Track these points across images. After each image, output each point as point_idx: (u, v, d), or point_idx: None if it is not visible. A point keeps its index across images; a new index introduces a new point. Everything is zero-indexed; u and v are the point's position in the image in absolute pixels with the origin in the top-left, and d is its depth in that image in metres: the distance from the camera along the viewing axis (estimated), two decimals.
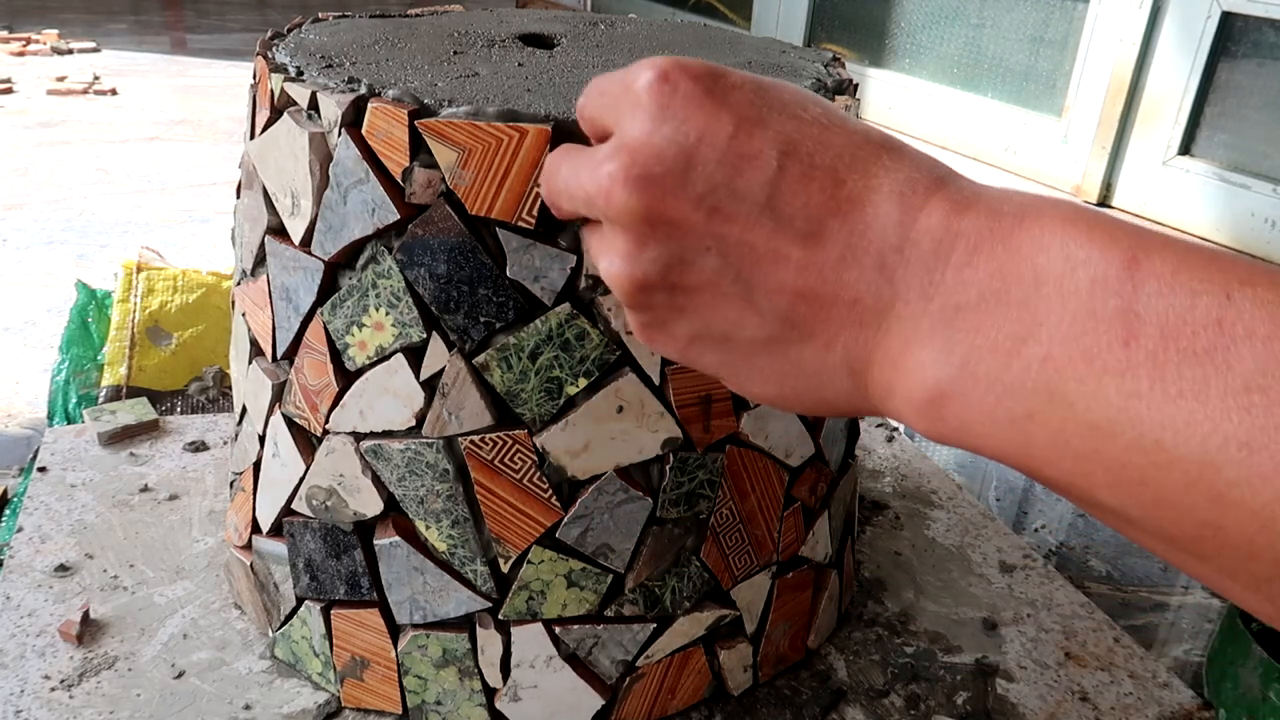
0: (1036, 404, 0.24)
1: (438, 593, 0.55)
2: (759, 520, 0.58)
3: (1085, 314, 0.24)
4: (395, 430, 0.52)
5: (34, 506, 0.75)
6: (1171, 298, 0.23)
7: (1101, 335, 0.23)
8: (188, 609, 0.67)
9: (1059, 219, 0.25)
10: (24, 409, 0.93)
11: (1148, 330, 0.23)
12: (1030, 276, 0.25)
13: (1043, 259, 0.25)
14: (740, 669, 0.62)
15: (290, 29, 0.62)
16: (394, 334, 0.51)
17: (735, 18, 2.75)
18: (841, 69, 0.62)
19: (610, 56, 0.59)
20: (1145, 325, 0.23)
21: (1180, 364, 0.22)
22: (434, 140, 0.46)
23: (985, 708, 0.64)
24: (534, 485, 0.52)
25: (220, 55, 2.54)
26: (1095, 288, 0.24)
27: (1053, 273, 0.24)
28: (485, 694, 0.58)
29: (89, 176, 1.57)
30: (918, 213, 0.27)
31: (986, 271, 0.26)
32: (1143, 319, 0.23)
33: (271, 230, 0.55)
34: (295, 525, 0.57)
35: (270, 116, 0.53)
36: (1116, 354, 0.23)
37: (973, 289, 0.26)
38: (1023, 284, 0.25)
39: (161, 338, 0.95)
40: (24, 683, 0.60)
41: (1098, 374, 0.23)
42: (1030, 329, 0.24)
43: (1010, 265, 0.25)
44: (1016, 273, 0.25)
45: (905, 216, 0.27)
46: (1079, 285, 0.24)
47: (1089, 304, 0.24)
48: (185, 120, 1.93)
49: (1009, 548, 0.80)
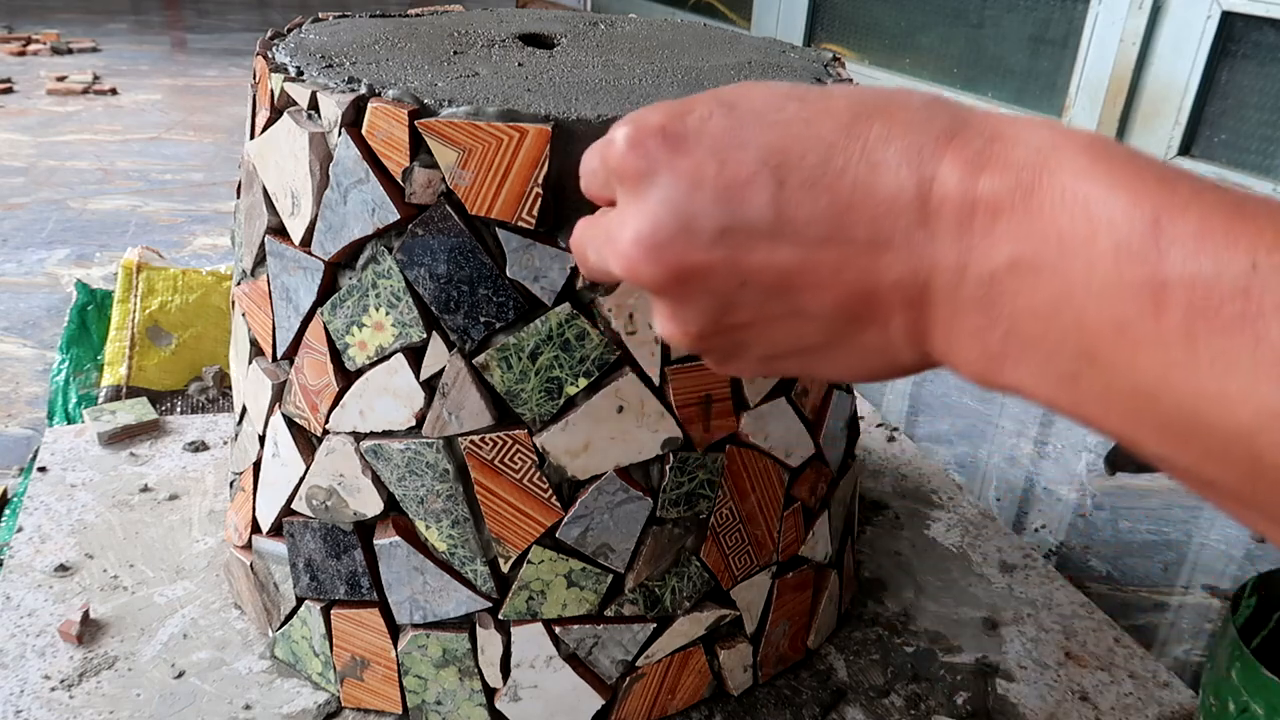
0: (1080, 366, 0.25)
1: (438, 593, 0.55)
2: (759, 520, 0.58)
3: (1113, 282, 0.23)
4: (395, 430, 0.52)
5: (34, 506, 0.75)
6: (1197, 264, 0.22)
7: (1131, 304, 0.23)
8: (188, 609, 0.66)
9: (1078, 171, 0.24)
10: (24, 409, 0.93)
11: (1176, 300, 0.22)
12: (1055, 240, 0.24)
13: (1065, 221, 0.24)
14: (740, 669, 0.62)
15: (290, 29, 0.62)
16: (394, 334, 0.51)
17: (735, 18, 2.75)
18: (841, 69, 0.62)
19: (610, 56, 0.59)
20: (1173, 295, 0.22)
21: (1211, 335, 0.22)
22: (434, 140, 0.46)
23: (985, 708, 0.64)
24: (534, 485, 0.52)
25: (220, 55, 2.53)
26: (1120, 254, 0.23)
27: (1077, 237, 0.24)
28: (485, 694, 0.58)
29: (89, 176, 1.57)
30: (931, 183, 0.26)
31: (1012, 237, 0.25)
32: (1170, 289, 0.22)
33: (271, 230, 0.55)
34: (295, 525, 0.57)
35: (270, 116, 0.53)
36: (1148, 325, 0.23)
37: (1002, 255, 0.25)
38: (1049, 248, 0.24)
39: (161, 338, 0.95)
40: (24, 683, 0.60)
41: (1132, 344, 0.23)
42: (1063, 294, 0.24)
43: (1034, 229, 0.25)
44: (1041, 235, 0.24)
45: (920, 189, 0.26)
46: (1104, 251, 0.23)
47: (1115, 272, 0.23)
48: (185, 120, 1.93)
49: (1009, 548, 0.80)
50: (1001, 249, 0.25)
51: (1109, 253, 0.23)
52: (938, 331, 0.28)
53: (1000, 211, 0.25)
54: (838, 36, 2.39)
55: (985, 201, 0.25)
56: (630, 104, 0.49)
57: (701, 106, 0.29)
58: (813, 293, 0.28)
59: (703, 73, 0.57)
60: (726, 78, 0.56)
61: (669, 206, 0.29)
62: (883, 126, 0.27)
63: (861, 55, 2.31)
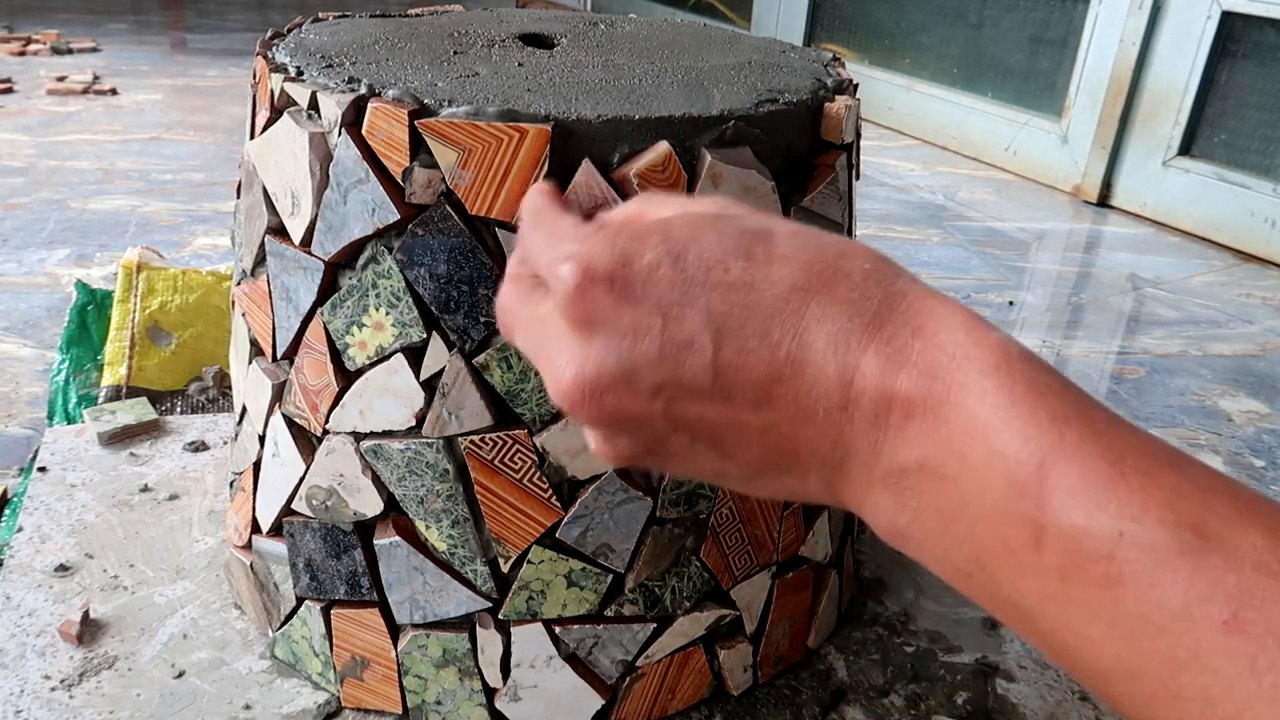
0: (972, 569, 0.27)
1: (438, 593, 0.55)
2: (759, 520, 0.58)
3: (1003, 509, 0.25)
4: (395, 430, 0.52)
5: (34, 506, 0.75)
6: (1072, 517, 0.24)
7: (1017, 534, 0.25)
8: (188, 609, 0.67)
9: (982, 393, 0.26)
10: (24, 409, 0.93)
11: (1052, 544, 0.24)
12: (957, 456, 0.26)
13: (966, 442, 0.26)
14: (740, 669, 0.62)
15: (290, 29, 0.62)
16: (394, 334, 0.51)
17: (735, 17, 2.75)
18: (841, 69, 0.62)
19: (610, 56, 0.59)
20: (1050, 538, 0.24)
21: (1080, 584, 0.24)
22: (434, 140, 0.46)
23: (985, 708, 0.64)
24: (534, 485, 0.52)
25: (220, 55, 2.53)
26: (1010, 489, 0.25)
27: (976, 459, 0.26)
28: (485, 694, 0.58)
29: (89, 176, 1.57)
30: (854, 372, 0.28)
31: (921, 442, 0.27)
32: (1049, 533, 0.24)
33: (271, 230, 0.55)
34: (295, 525, 0.57)
35: (270, 116, 0.53)
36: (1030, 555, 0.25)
37: (912, 455, 0.27)
38: (952, 460, 0.26)
39: (161, 338, 0.95)
40: (24, 683, 0.60)
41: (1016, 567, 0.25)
42: (961, 505, 0.26)
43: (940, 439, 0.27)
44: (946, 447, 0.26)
45: (843, 377, 0.28)
46: (997, 480, 0.25)
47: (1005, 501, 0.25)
48: (185, 120, 1.93)
49: None
50: (911, 449, 0.27)
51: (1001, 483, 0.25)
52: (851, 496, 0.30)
53: (912, 414, 0.27)
54: (838, 36, 2.39)
55: (900, 400, 0.27)
56: (630, 104, 0.49)
57: (650, 252, 0.30)
58: (739, 447, 0.30)
59: (703, 73, 0.57)
60: (726, 77, 0.56)
61: (611, 356, 0.30)
62: (819, 306, 0.29)
63: (861, 55, 2.31)
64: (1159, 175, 1.68)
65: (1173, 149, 1.65)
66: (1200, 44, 1.59)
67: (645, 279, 0.30)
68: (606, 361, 0.30)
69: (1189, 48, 1.61)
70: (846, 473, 0.29)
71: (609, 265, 0.30)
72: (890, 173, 1.93)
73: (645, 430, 0.31)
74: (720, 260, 0.30)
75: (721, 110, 0.49)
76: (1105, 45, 1.73)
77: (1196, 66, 1.60)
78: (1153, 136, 1.68)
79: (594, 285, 0.30)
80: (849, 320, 0.28)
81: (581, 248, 0.31)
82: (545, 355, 0.32)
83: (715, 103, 0.51)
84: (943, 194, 1.80)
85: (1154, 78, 1.67)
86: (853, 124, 0.56)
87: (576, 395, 0.31)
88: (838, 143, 0.55)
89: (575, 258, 0.30)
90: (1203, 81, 1.60)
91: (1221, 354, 1.23)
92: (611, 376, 0.30)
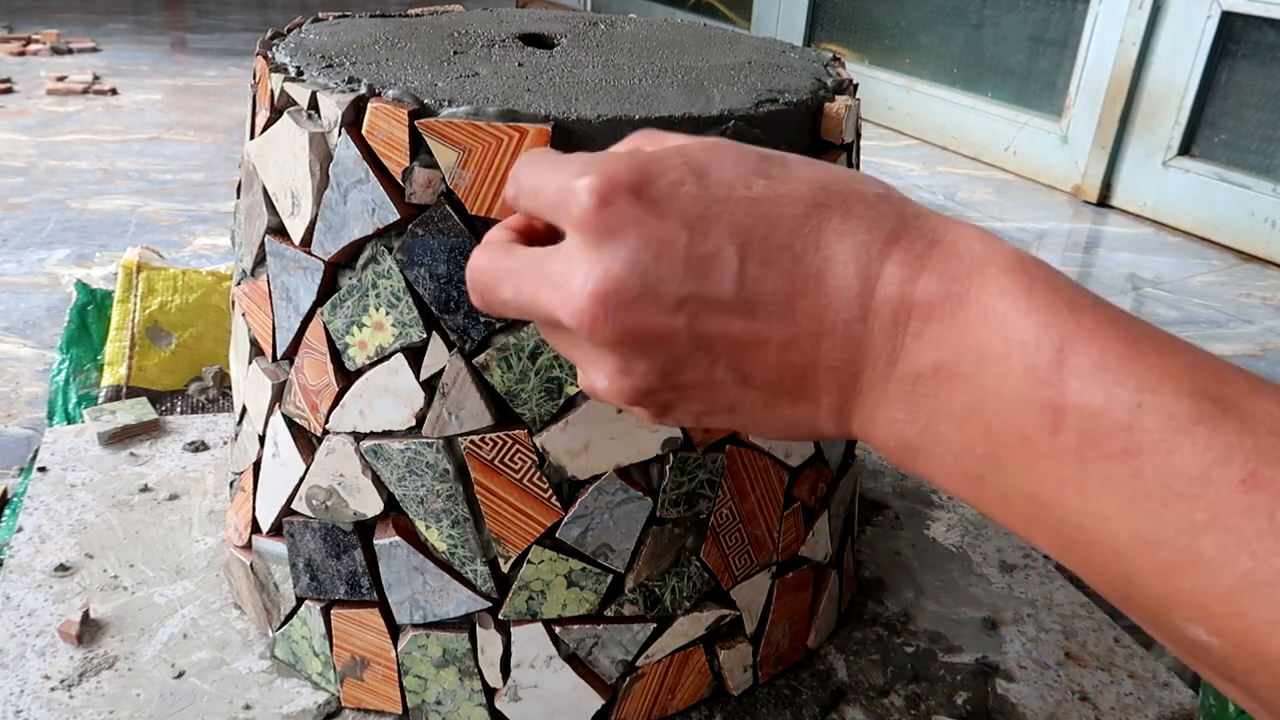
0: (985, 469, 0.27)
1: (438, 593, 0.55)
2: (759, 520, 0.58)
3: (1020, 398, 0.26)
4: (395, 430, 0.52)
5: (34, 506, 0.75)
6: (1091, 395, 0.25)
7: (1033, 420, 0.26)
8: (188, 609, 0.67)
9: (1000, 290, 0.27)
10: (24, 409, 0.93)
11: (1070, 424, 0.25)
12: (974, 353, 0.27)
13: (984, 336, 0.27)
14: (740, 669, 0.62)
15: (290, 29, 0.62)
16: (394, 334, 0.51)
17: (735, 17, 2.75)
18: (841, 69, 0.62)
19: (610, 56, 0.59)
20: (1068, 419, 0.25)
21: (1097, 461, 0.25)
22: (434, 140, 0.46)
23: (985, 708, 0.64)
24: (534, 485, 0.52)
25: (220, 55, 2.53)
26: (1028, 376, 0.26)
27: (993, 354, 0.26)
28: (485, 694, 0.58)
29: (89, 176, 1.57)
30: (875, 282, 0.28)
31: (938, 343, 0.28)
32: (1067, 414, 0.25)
33: (271, 230, 0.55)
34: (295, 525, 0.57)
35: (270, 116, 0.53)
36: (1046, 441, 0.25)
37: (928, 357, 0.28)
38: (969, 359, 0.27)
39: (161, 338, 0.95)
40: (24, 683, 0.60)
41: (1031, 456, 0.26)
42: (977, 402, 0.27)
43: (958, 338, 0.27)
44: (963, 346, 0.27)
45: (864, 287, 0.28)
46: (1015, 370, 0.26)
47: (1023, 389, 0.26)
48: (185, 120, 1.93)
49: (1009, 547, 0.80)
50: (928, 353, 0.28)
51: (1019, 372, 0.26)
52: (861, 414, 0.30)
53: (930, 318, 0.28)
54: (838, 36, 2.39)
55: (919, 305, 0.28)
56: (630, 104, 0.49)
57: (673, 171, 0.30)
58: (759, 364, 0.30)
59: (703, 72, 0.57)
60: (726, 77, 0.56)
61: (636, 268, 0.29)
62: (839, 220, 0.29)
63: (861, 55, 2.31)
64: (1159, 175, 1.68)
65: (1173, 149, 1.65)
66: (1200, 44, 1.59)
67: (669, 194, 0.29)
68: (629, 274, 0.29)
69: (1189, 48, 1.61)
70: (860, 389, 0.29)
71: (633, 178, 0.30)
72: (890, 173, 1.93)
73: (665, 351, 0.30)
74: (741, 178, 0.30)
75: (721, 110, 0.49)
76: (1105, 45, 1.73)
77: (1196, 66, 1.60)
78: (1153, 136, 1.68)
79: (619, 197, 0.29)
80: (868, 233, 0.29)
81: (600, 165, 0.30)
82: (550, 284, 0.31)
83: (715, 103, 0.51)
84: (943, 194, 1.80)
85: (1154, 78, 1.67)
86: (853, 124, 0.56)
87: (599, 310, 0.29)
88: (838, 143, 0.55)
89: (595, 172, 0.30)
90: (1203, 81, 1.60)
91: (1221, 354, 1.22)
92: (635, 289, 0.29)
